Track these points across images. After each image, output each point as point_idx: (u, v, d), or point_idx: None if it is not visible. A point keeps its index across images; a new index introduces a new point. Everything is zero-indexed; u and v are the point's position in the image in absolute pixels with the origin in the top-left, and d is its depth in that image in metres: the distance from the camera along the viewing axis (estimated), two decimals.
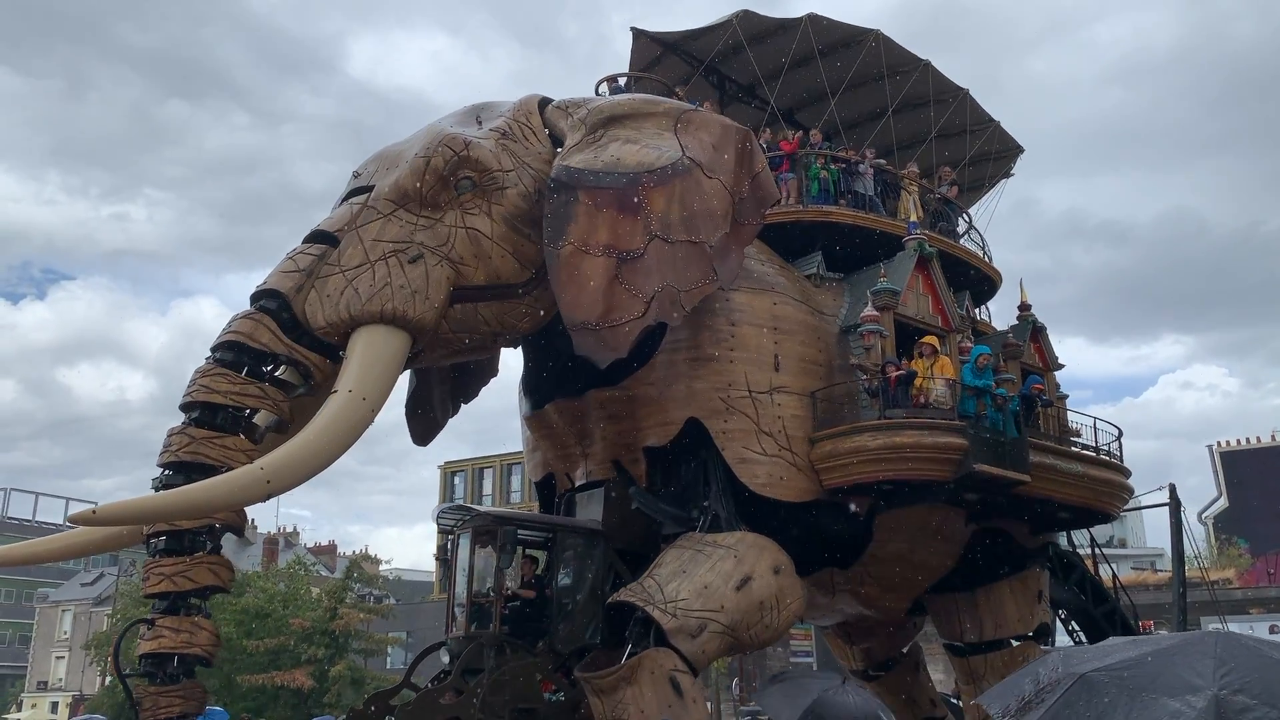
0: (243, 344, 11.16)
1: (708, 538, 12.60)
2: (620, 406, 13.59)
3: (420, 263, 11.72)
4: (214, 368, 11.13)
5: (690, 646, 11.90)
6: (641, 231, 12.21)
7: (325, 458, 10.95)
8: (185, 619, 10.71)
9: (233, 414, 10.99)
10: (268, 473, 10.36)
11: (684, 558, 12.41)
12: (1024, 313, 16.46)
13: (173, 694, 10.53)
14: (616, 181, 12.20)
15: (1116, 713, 6.59)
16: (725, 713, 37.49)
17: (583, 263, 11.96)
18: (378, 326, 11.44)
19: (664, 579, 12.15)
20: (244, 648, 38.13)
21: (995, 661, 15.58)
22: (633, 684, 11.67)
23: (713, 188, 12.68)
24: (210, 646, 10.84)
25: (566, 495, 14.53)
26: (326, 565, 62.19)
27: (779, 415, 13.48)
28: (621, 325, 11.99)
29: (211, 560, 10.95)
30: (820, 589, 14.80)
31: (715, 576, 12.21)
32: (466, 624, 13.28)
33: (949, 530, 14.91)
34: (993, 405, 13.79)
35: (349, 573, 42.99)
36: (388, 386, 11.54)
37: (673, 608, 11.84)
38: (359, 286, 11.48)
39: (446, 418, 15.44)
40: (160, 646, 10.57)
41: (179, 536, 10.81)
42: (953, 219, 16.93)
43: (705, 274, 12.46)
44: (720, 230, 12.63)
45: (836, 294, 14.90)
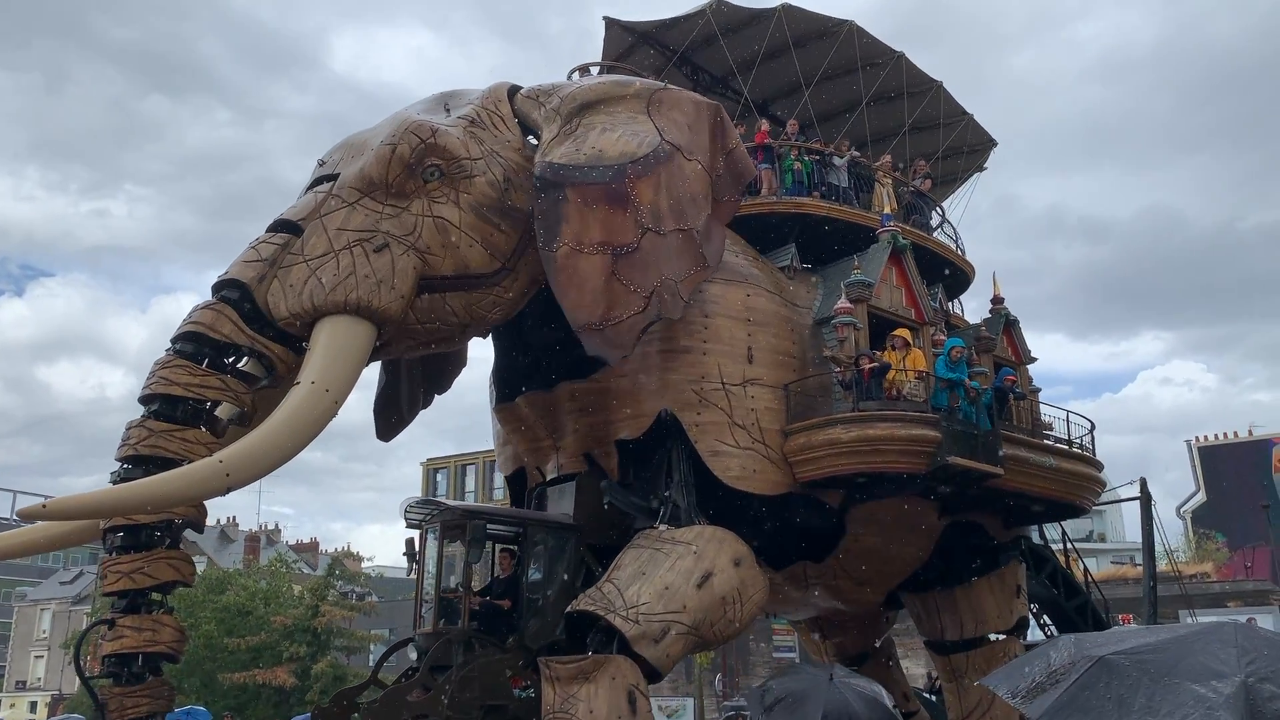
0: (203, 335, 10.79)
1: (666, 534, 12.28)
2: (592, 399, 13.28)
3: (386, 252, 11.35)
4: (174, 359, 10.76)
5: (654, 652, 11.58)
6: (633, 225, 11.95)
7: (286, 451, 10.57)
8: (146, 617, 10.33)
9: (193, 406, 10.63)
10: (227, 465, 9.99)
11: (643, 558, 12.06)
12: (997, 306, 16.25)
13: (139, 694, 10.17)
14: (603, 176, 11.90)
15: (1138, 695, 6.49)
16: (709, 708, 37.18)
17: (580, 263, 11.70)
18: (342, 317, 11.07)
19: (623, 582, 11.78)
20: (225, 646, 37.74)
21: (976, 659, 15.41)
22: (590, 682, 11.32)
23: (693, 170, 12.46)
24: (174, 643, 10.46)
25: (538, 489, 14.17)
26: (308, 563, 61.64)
27: (752, 408, 13.22)
28: (624, 322, 11.74)
29: (171, 555, 10.55)
30: (793, 583, 14.55)
31: (676, 576, 11.87)
32: (435, 620, 12.91)
33: (922, 523, 14.68)
34: (966, 398, 13.57)
35: (331, 570, 42.61)
36: (352, 378, 11.15)
37: (634, 613, 11.47)
38: (323, 276, 11.10)
39: (415, 412, 15.07)
40: (122, 646, 10.19)
41: (136, 532, 10.43)
42: (926, 212, 16.72)
43: (697, 260, 12.29)
44: (704, 213, 12.43)
45: (810, 286, 14.66)
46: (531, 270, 12.26)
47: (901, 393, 13.40)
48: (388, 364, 14.62)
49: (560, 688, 11.40)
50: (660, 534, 12.30)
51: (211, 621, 38.73)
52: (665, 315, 12.07)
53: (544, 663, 11.67)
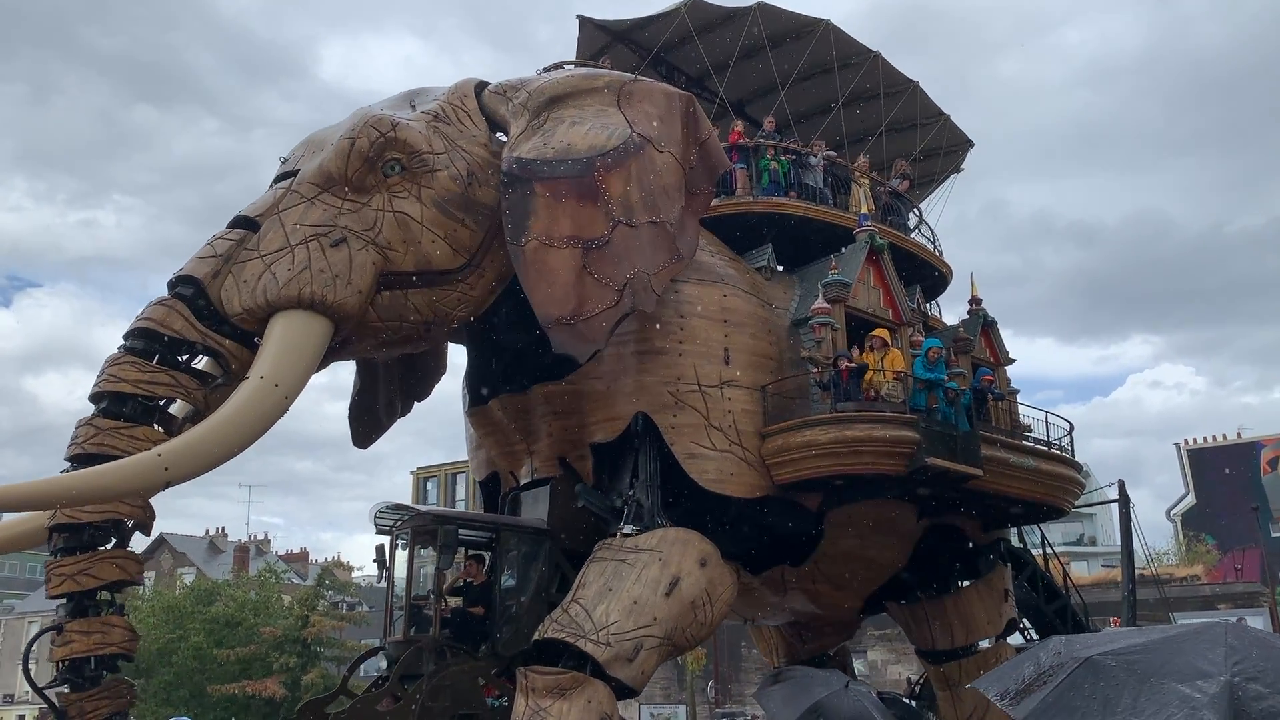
0: (154, 331, 10.40)
1: (628, 543, 11.81)
2: (566, 402, 12.83)
3: (343, 247, 10.96)
4: (124, 356, 10.35)
5: (628, 672, 11.18)
6: (604, 218, 11.54)
7: (230, 445, 10.10)
8: (94, 620, 9.92)
9: (142, 404, 10.21)
10: (165, 459, 9.54)
11: (607, 572, 11.59)
12: (975, 307, 15.88)
13: (97, 697, 9.81)
14: (571, 169, 11.50)
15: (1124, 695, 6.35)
16: (701, 715, 36.72)
17: (548, 257, 11.27)
18: (295, 312, 10.65)
19: (590, 601, 11.32)
20: (215, 657, 37.31)
21: (969, 666, 15.07)
22: (565, 699, 10.90)
23: (665, 162, 12.05)
24: (126, 642, 10.05)
25: (511, 494, 13.73)
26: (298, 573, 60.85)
27: (729, 410, 12.80)
28: (597, 316, 11.31)
29: (115, 555, 10.12)
30: (772, 588, 14.14)
31: (643, 587, 11.43)
32: (405, 628, 12.45)
33: (901, 526, 14.31)
34: (944, 399, 13.19)
35: (321, 580, 42.22)
36: (304, 373, 10.71)
37: (604, 635, 11.03)
38: (277, 271, 10.71)
39: (393, 419, 14.62)
40: (72, 652, 9.78)
41: (78, 532, 9.98)
42: (903, 213, 16.36)
43: (670, 253, 11.88)
44: (677, 205, 12.02)
45: (787, 287, 14.26)
46: (498, 267, 11.85)
47: (880, 394, 13.01)
48: (363, 369, 14.22)
49: (533, 699, 10.98)
50: (622, 543, 11.83)
51: (200, 633, 38.28)
52: (638, 308, 11.64)
53: (521, 671, 11.23)
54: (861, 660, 39.12)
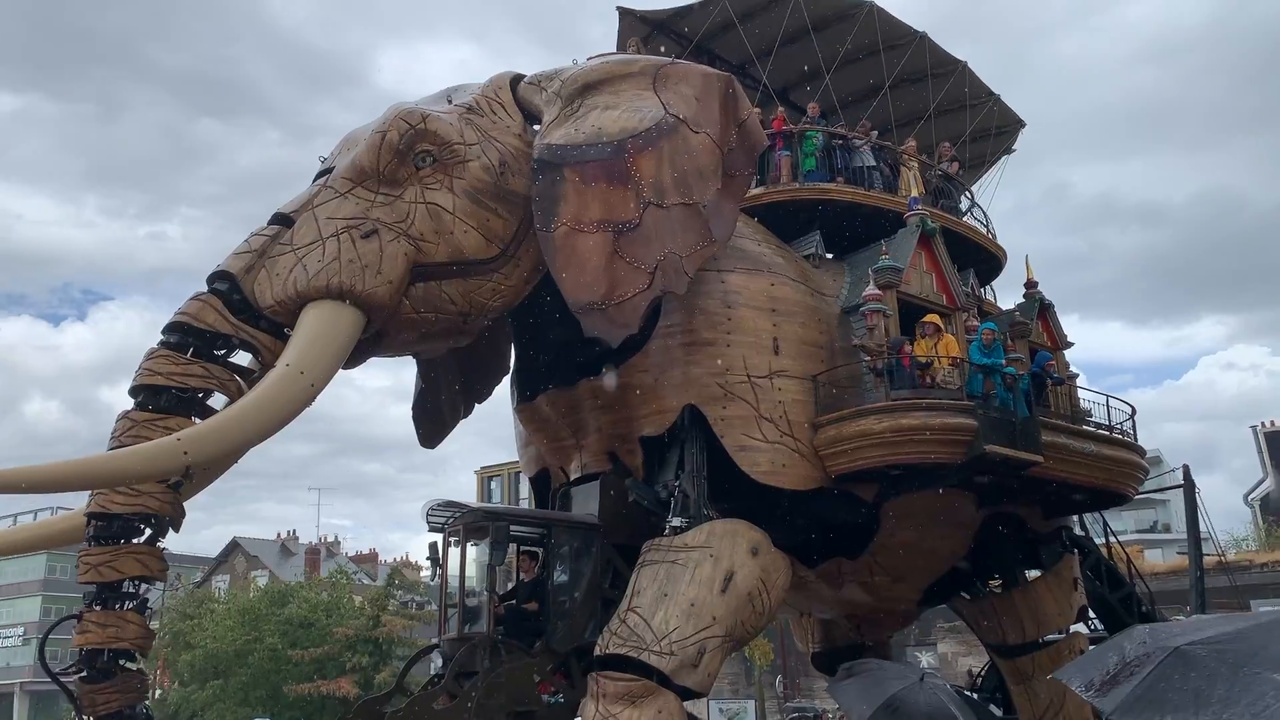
0: (188, 325, 10.38)
1: (676, 543, 11.45)
2: (614, 396, 12.50)
3: (374, 238, 10.83)
4: (159, 351, 10.34)
5: (695, 678, 10.92)
6: (634, 200, 11.24)
7: (250, 431, 10.01)
8: (112, 613, 9.86)
9: (176, 395, 10.16)
10: (185, 444, 9.43)
11: (660, 576, 11.24)
12: (1030, 290, 15.27)
13: (108, 690, 9.77)
14: (601, 153, 11.25)
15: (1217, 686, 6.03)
16: (770, 710, 36.26)
17: (579, 242, 11.03)
18: (325, 302, 10.54)
19: (647, 610, 11.00)
20: (289, 658, 37.64)
21: (1042, 659, 14.52)
22: (636, 708, 10.65)
23: (700, 143, 11.66)
24: (138, 640, 9.96)
25: (561, 490, 13.44)
26: (368, 573, 61.45)
27: (780, 400, 12.39)
28: (629, 300, 11.03)
29: (139, 550, 10.02)
30: (828, 581, 13.71)
31: (698, 588, 11.10)
32: (460, 625, 12.22)
33: (959, 516, 13.76)
34: (1002, 384, 12.67)
35: (390, 580, 42.46)
36: (331, 362, 10.55)
37: (666, 644, 10.75)
38: (307, 263, 10.63)
39: (456, 419, 14.48)
40: (87, 642, 9.80)
41: (109, 523, 9.93)
42: (954, 196, 15.78)
43: (704, 236, 11.49)
44: (712, 187, 11.62)
45: (836, 274, 13.79)
46: (534, 257, 11.60)
47: (935, 380, 12.51)
48: (424, 370, 14.09)
49: (604, 704, 10.75)
50: (671, 543, 11.48)
51: (275, 634, 38.67)
52: (669, 290, 11.29)
53: (593, 676, 11.01)
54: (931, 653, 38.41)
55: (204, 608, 45.81)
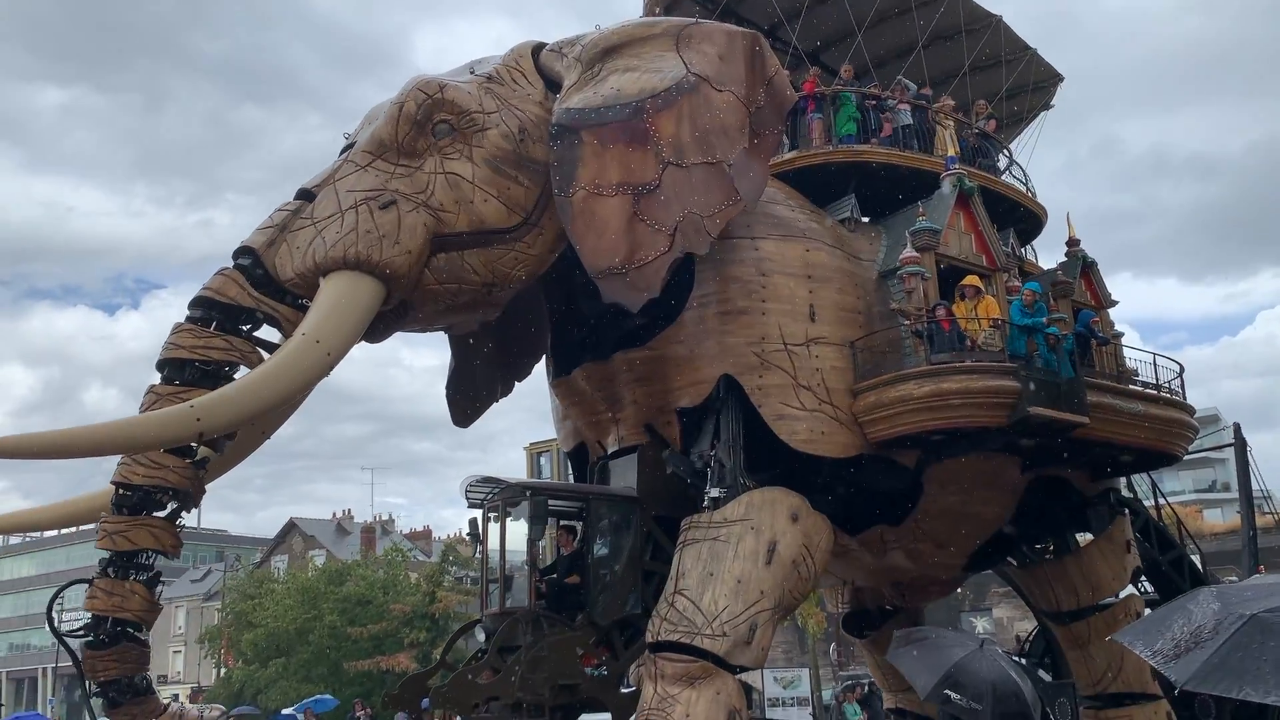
0: (211, 299, 10.38)
1: (715, 518, 11.18)
2: (650, 367, 12.24)
3: (392, 209, 10.68)
4: (184, 325, 10.35)
5: (749, 656, 10.73)
6: (653, 161, 10.94)
7: (265, 399, 9.90)
8: (119, 582, 9.88)
9: (199, 368, 10.13)
10: (197, 411, 9.37)
11: (704, 554, 10.99)
12: (1073, 248, 14.74)
13: (108, 658, 9.82)
14: (620, 114, 10.95)
15: None
16: (824, 679, 36.02)
17: (597, 206, 10.78)
18: (343, 273, 10.43)
19: (694, 591, 10.76)
20: (349, 635, 38.13)
21: (1098, 624, 14.15)
22: (694, 689, 10.45)
23: (724, 101, 11.28)
24: (141, 612, 9.97)
25: (599, 463, 13.21)
26: (423, 550, 61.83)
27: (817, 368, 12.05)
28: (649, 263, 10.74)
29: (154, 523, 10.03)
30: (870, 549, 13.40)
31: (743, 563, 10.86)
32: (501, 600, 12.08)
33: (1004, 480, 13.40)
34: (1045, 344, 12.23)
35: (445, 556, 42.71)
36: (348, 331, 10.43)
37: (718, 626, 10.53)
38: (326, 235, 10.53)
39: (494, 397, 14.28)
40: (92, 607, 9.90)
41: (133, 492, 9.94)
42: (992, 154, 15.23)
43: (728, 195, 11.10)
44: (738, 145, 11.24)
45: (873, 237, 13.35)
46: (558, 225, 11.31)
47: (976, 343, 12.11)
48: (458, 349, 13.89)
49: (662, 685, 10.56)
50: (710, 519, 11.21)
51: (334, 612, 39.19)
52: (689, 250, 10.98)
53: (650, 657, 10.83)
54: (987, 618, 37.99)
55: (264, 588, 46.48)
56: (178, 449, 9.99)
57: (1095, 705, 14.47)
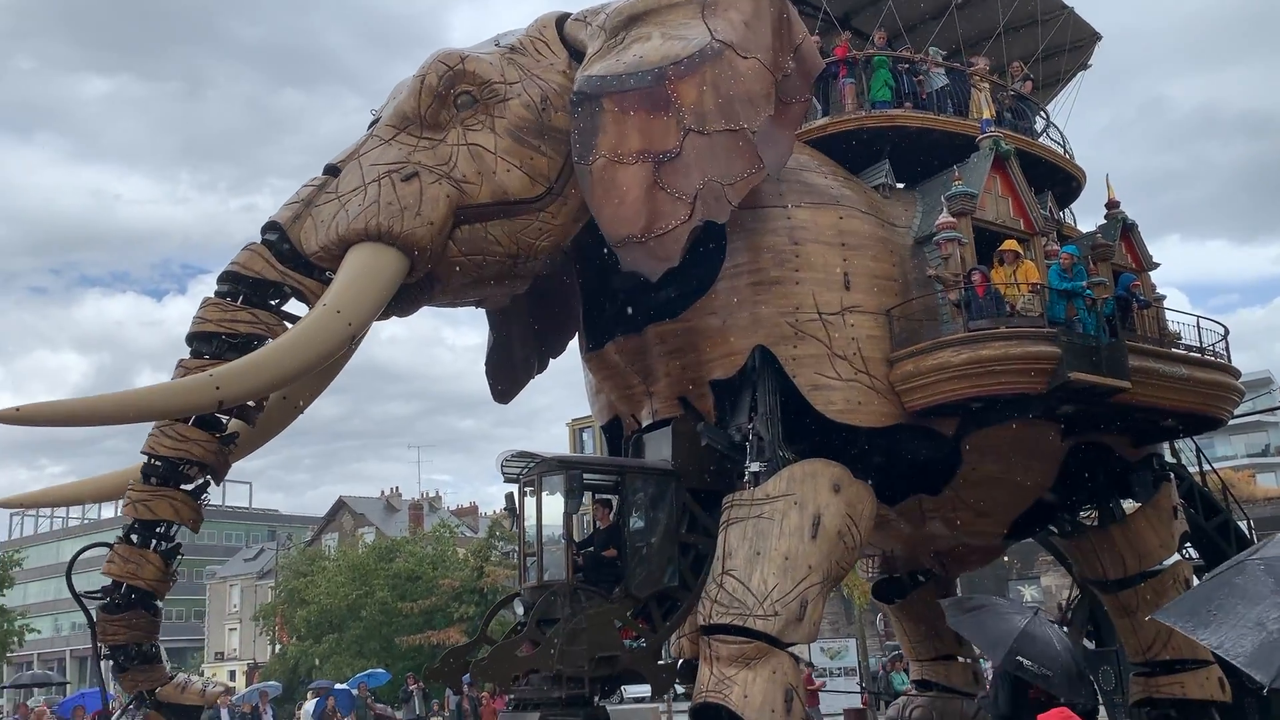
0: (237, 274, 10.44)
1: (758, 495, 11.01)
2: (682, 340, 12.08)
3: (414, 180, 10.63)
4: (211, 300, 10.43)
5: (801, 633, 10.63)
6: (675, 129, 10.74)
7: (285, 368, 9.90)
8: (136, 550, 10.03)
9: (226, 341, 10.20)
10: (217, 379, 9.46)
11: (749, 534, 10.84)
12: (1112, 210, 14.32)
13: (117, 622, 9.99)
14: (641, 81, 10.77)
15: None
16: (871, 648, 35.83)
17: (617, 174, 10.63)
18: (365, 244, 10.40)
19: (742, 571, 10.64)
20: (400, 610, 38.36)
21: (1146, 591, 13.83)
22: (750, 669, 10.36)
23: (749, 68, 11.04)
24: (153, 581, 10.07)
25: (634, 437, 13.07)
26: (470, 526, 62.37)
27: (853, 337, 11.82)
28: (669, 232, 10.57)
29: (176, 496, 10.10)
30: (909, 518, 13.16)
31: (789, 540, 10.71)
32: (539, 573, 11.99)
33: (1044, 447, 13.06)
34: (1084, 309, 11.89)
35: (492, 532, 42.89)
36: (369, 302, 10.39)
37: (769, 605, 10.41)
38: (349, 208, 10.50)
39: (530, 375, 14.23)
40: (108, 571, 10.07)
41: (157, 463, 10.06)
42: (1029, 116, 14.80)
43: (750, 163, 10.88)
44: (762, 114, 10.99)
45: (908, 204, 13.04)
46: (581, 194, 11.16)
47: (1015, 308, 11.79)
48: (496, 326, 13.83)
49: (718, 667, 10.49)
50: (752, 496, 11.04)
51: (385, 588, 39.51)
52: (709, 218, 10.75)
53: (705, 640, 10.75)
54: (1035, 586, 37.59)
55: (316, 565, 46.96)
56: (206, 423, 10.10)
57: (1146, 672, 14.15)
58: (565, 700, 10.91)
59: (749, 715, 10.21)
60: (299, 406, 11.30)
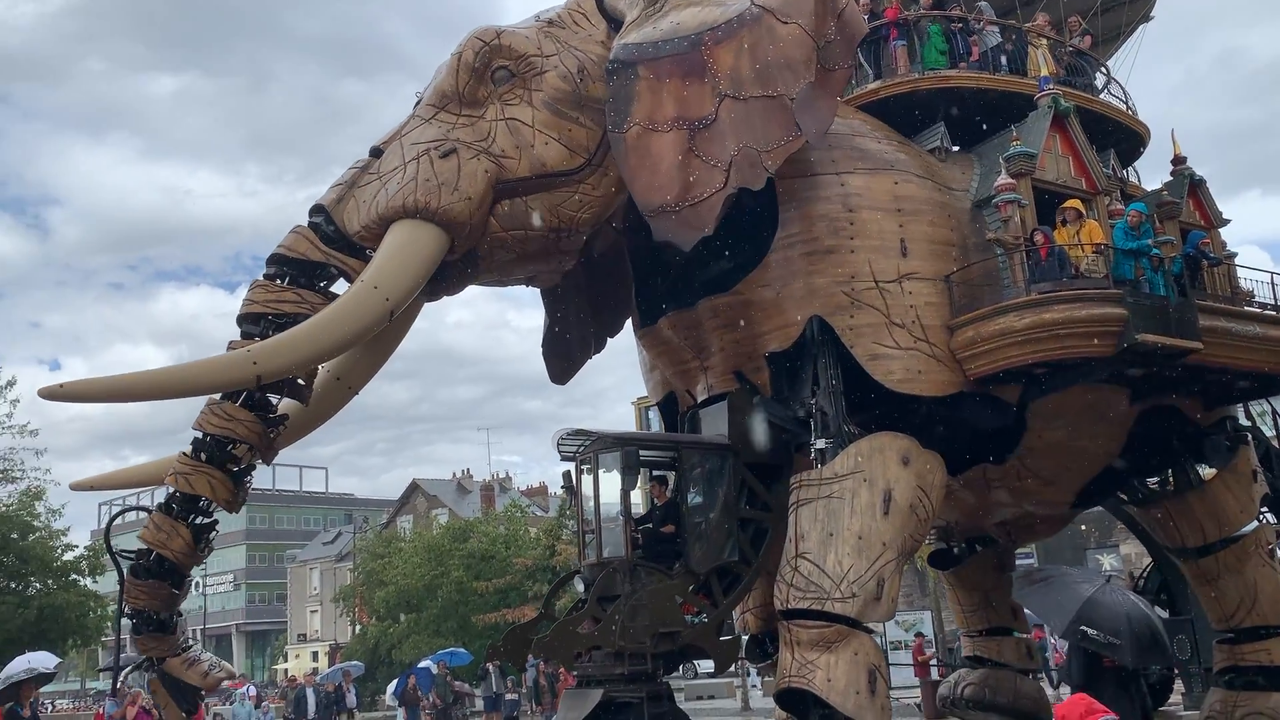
0: (283, 256, 10.55)
1: (826, 474, 10.69)
2: (736, 313, 11.77)
3: (452, 157, 10.58)
4: (259, 282, 10.53)
5: (879, 612, 10.37)
6: (710, 95, 10.47)
7: (322, 344, 9.94)
8: (168, 520, 10.12)
9: (272, 321, 10.24)
10: (254, 355, 9.60)
11: (820, 515, 10.55)
12: (1178, 167, 13.69)
13: (140, 588, 10.14)
14: (677, 47, 10.53)
15: None
16: (947, 620, 35.29)
17: (651, 142, 10.41)
18: (404, 221, 10.38)
19: (816, 554, 10.36)
20: (474, 589, 38.71)
21: (1227, 558, 13.27)
22: (831, 653, 10.14)
23: (789, 33, 10.65)
24: (180, 554, 10.16)
25: (689, 412, 12.82)
26: (540, 506, 62.78)
27: (911, 304, 11.41)
28: (704, 200, 10.30)
29: (215, 474, 10.15)
30: (973, 489, 12.75)
31: (861, 518, 10.41)
32: (598, 551, 11.83)
33: (1112, 412, 12.52)
34: (1151, 268, 11.36)
35: (562, 511, 42.96)
36: (408, 278, 10.35)
37: (846, 587, 10.16)
38: (389, 187, 10.49)
39: (587, 355, 14.10)
40: (142, 537, 10.23)
41: (206, 440, 10.17)
42: (1089, 73, 14.19)
43: (787, 130, 10.49)
44: (802, 80, 10.59)
45: (965, 167, 12.57)
46: None
47: (1079, 270, 11.30)
48: (552, 306, 13.69)
49: (799, 652, 10.29)
50: (821, 476, 10.73)
51: (460, 568, 39.88)
52: (744, 185, 10.43)
53: (785, 625, 10.54)
54: (1114, 555, 36.71)
55: (392, 547, 47.62)
56: (255, 404, 10.17)
57: (1230, 640, 13.55)
58: (628, 676, 10.77)
59: (833, 699, 10.01)
60: (351, 388, 11.28)
